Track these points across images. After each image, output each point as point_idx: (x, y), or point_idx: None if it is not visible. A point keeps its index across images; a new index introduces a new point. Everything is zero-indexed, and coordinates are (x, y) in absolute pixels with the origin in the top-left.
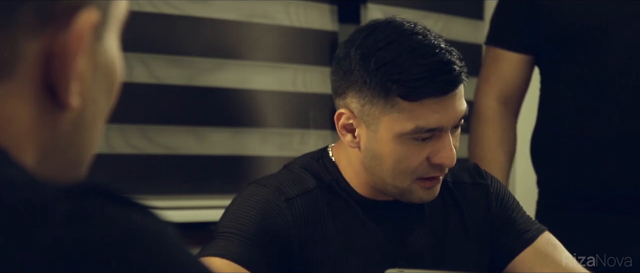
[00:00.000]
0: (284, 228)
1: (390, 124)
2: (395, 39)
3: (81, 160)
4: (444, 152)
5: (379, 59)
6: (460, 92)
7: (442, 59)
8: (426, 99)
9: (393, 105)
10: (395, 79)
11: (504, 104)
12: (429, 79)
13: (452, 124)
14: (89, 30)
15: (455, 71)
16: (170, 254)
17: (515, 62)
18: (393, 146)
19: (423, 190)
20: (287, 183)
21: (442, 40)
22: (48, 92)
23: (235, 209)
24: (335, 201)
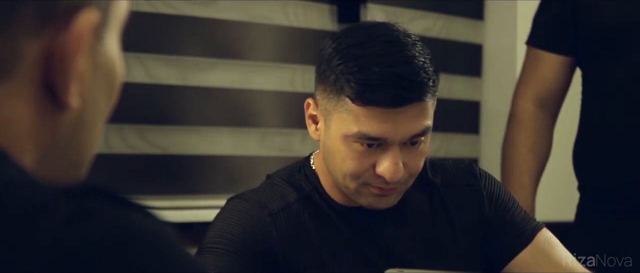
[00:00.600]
0: (269, 242)
1: (338, 123)
2: (368, 40)
3: (81, 160)
4: (385, 166)
5: (343, 56)
6: (417, 110)
7: (401, 72)
8: (372, 106)
9: (343, 104)
10: (348, 79)
11: (540, 107)
12: (379, 87)
13: (400, 139)
14: (89, 30)
15: (410, 87)
16: (169, 254)
17: (555, 64)
18: (340, 145)
19: (372, 196)
20: (268, 198)
21: (421, 55)
22: (48, 92)
23: (220, 224)
24: (316, 212)
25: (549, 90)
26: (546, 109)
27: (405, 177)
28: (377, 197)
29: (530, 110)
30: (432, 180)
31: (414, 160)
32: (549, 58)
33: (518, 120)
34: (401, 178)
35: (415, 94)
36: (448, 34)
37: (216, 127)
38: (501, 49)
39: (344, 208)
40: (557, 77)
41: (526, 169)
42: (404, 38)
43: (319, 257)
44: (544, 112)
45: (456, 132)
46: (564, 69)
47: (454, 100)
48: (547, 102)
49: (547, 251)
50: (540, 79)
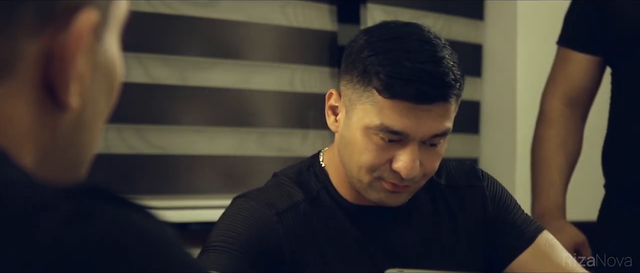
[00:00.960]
0: (276, 242)
1: (362, 114)
2: (401, 36)
3: (81, 160)
4: (403, 161)
5: (375, 48)
6: (441, 110)
7: (431, 69)
8: (398, 100)
9: (368, 96)
10: (377, 71)
11: (570, 106)
12: (407, 81)
13: (421, 136)
14: (89, 30)
15: (438, 86)
16: (169, 254)
17: (584, 63)
18: (360, 136)
19: (384, 192)
20: (275, 197)
21: (450, 58)
22: (48, 92)
23: (226, 223)
24: (324, 211)
25: (578, 90)
26: (575, 108)
27: (420, 177)
28: (388, 193)
29: (560, 109)
30: (436, 180)
31: (431, 161)
32: (579, 57)
33: (547, 118)
34: (416, 177)
35: (442, 93)
36: (448, 34)
37: (215, 127)
38: (501, 49)
39: (353, 207)
40: (586, 77)
41: (556, 167)
42: (435, 39)
43: (326, 257)
44: (573, 111)
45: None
46: (594, 68)
47: None
48: (576, 101)
49: (548, 253)
50: (570, 78)
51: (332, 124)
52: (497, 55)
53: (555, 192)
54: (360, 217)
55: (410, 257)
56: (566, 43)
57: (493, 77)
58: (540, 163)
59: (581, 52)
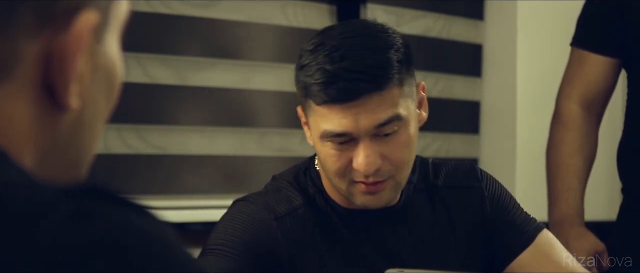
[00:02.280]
0: (274, 246)
1: (313, 126)
2: (323, 42)
3: (81, 161)
4: (358, 160)
5: (303, 61)
6: (377, 100)
7: (351, 66)
8: (329, 104)
9: (310, 107)
10: (306, 84)
11: (586, 108)
12: (328, 84)
13: (364, 131)
14: (89, 31)
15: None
16: (169, 255)
17: (601, 65)
18: (320, 147)
19: (363, 195)
20: (274, 201)
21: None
22: (47, 93)
23: (224, 227)
24: (320, 215)
25: (595, 92)
26: (592, 110)
27: (390, 170)
28: (367, 195)
29: (576, 111)
30: (434, 182)
31: (395, 151)
32: (595, 59)
33: (563, 121)
34: (383, 171)
35: (368, 85)
36: (448, 34)
37: (215, 127)
38: (501, 49)
39: (346, 211)
40: (603, 79)
41: (574, 171)
42: (365, 30)
43: (323, 260)
44: (589, 113)
45: (456, 132)
46: (610, 70)
47: (454, 100)
48: (592, 103)
49: (547, 252)
50: (586, 80)
51: (309, 138)
52: (497, 55)
53: (573, 198)
54: (353, 221)
55: (406, 258)
56: (582, 44)
57: (493, 77)
58: (557, 168)
59: (598, 53)
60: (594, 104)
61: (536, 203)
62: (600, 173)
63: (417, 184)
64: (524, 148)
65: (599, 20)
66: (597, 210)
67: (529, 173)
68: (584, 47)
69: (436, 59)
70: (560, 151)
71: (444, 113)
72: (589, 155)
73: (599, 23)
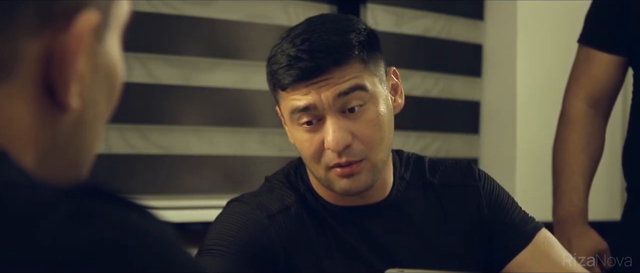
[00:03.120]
0: (268, 243)
1: (284, 112)
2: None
3: (82, 161)
4: (327, 137)
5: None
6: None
7: (308, 47)
8: (293, 86)
9: (280, 96)
10: (272, 73)
11: (593, 106)
12: (290, 66)
13: (327, 104)
14: (89, 31)
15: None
16: (169, 255)
17: (607, 63)
18: (294, 133)
19: (339, 179)
20: (267, 200)
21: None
22: (48, 93)
23: (219, 227)
24: (312, 212)
25: (602, 90)
26: (598, 108)
27: (362, 150)
28: (344, 179)
29: (583, 110)
30: (430, 179)
31: (363, 129)
32: (602, 57)
33: (570, 120)
34: (355, 150)
35: (328, 60)
36: (448, 34)
37: (216, 127)
38: (501, 49)
39: (336, 207)
40: (609, 77)
41: (579, 170)
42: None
43: (318, 257)
44: (596, 112)
45: (456, 132)
46: (617, 68)
47: (454, 100)
48: (599, 101)
49: (546, 251)
50: (593, 78)
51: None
52: (497, 55)
53: (578, 197)
54: (344, 217)
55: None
56: (589, 42)
57: (493, 77)
58: (562, 166)
59: (605, 51)
60: (601, 102)
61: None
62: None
63: (412, 181)
64: (524, 148)
65: (606, 19)
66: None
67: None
68: (590, 45)
69: (436, 59)
70: (566, 150)
71: (444, 113)
72: (595, 154)
73: (606, 21)
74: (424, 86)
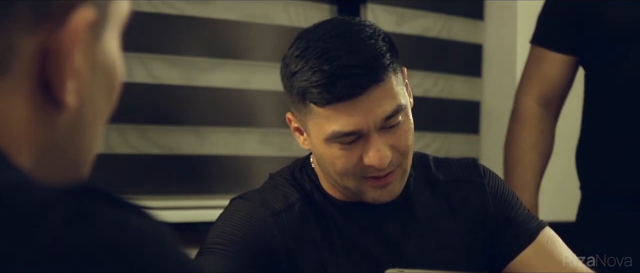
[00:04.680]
0: (271, 242)
1: (315, 129)
2: (308, 45)
3: (81, 160)
4: (371, 155)
5: (296, 65)
6: (380, 93)
7: (348, 62)
8: (334, 103)
9: (311, 111)
10: (304, 87)
11: (544, 105)
12: (329, 85)
13: (373, 125)
14: (85, 27)
15: (360, 74)
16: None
17: (559, 63)
18: (325, 149)
19: (374, 189)
20: (271, 197)
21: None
22: (45, 90)
23: (222, 225)
24: (318, 210)
25: (553, 89)
26: (549, 107)
27: (398, 159)
28: (379, 189)
29: (534, 108)
30: (436, 176)
31: (401, 140)
32: (554, 57)
33: (521, 118)
34: (393, 161)
35: (368, 78)
36: (448, 34)
37: (217, 127)
38: (501, 49)
39: (344, 204)
40: (561, 76)
41: (529, 167)
42: (347, 26)
43: (322, 255)
44: (547, 111)
45: (456, 132)
46: (568, 68)
47: (454, 100)
48: (550, 100)
49: (549, 249)
50: (544, 78)
51: (303, 143)
52: (497, 55)
53: (529, 193)
54: (352, 214)
55: (406, 250)
56: (541, 42)
57: (493, 77)
58: (514, 164)
59: (557, 51)
60: (552, 101)
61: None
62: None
63: (418, 178)
64: None
65: (557, 19)
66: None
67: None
68: (542, 45)
69: (436, 59)
70: (518, 148)
71: (444, 113)
72: (545, 152)
73: (558, 21)
74: (423, 86)
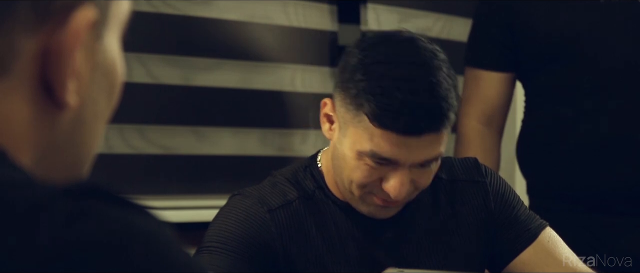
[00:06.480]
0: (267, 238)
1: (354, 137)
2: (394, 60)
3: (82, 160)
4: (393, 184)
5: (367, 72)
6: (433, 139)
7: (422, 101)
8: (388, 130)
9: (360, 120)
10: (368, 99)
11: (486, 124)
12: (397, 114)
13: (411, 163)
14: (86, 27)
15: (428, 118)
16: (168, 255)
17: (496, 81)
18: (352, 157)
19: (374, 206)
20: (269, 194)
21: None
22: (46, 90)
23: (219, 222)
24: (319, 209)
25: (493, 108)
26: (492, 125)
27: (412, 192)
28: (378, 208)
29: (477, 129)
30: (438, 175)
31: (423, 178)
32: (491, 76)
33: (465, 139)
34: (407, 194)
35: (433, 125)
36: (448, 34)
37: (216, 127)
38: None
39: (346, 204)
40: (500, 94)
41: None
42: (430, 60)
43: (320, 252)
44: (490, 129)
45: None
46: (506, 85)
47: None
48: (492, 118)
49: (550, 249)
50: (484, 97)
51: (327, 131)
52: None
53: None
54: (353, 213)
55: (408, 251)
56: (477, 63)
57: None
58: None
59: (493, 70)
60: (494, 119)
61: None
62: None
63: None
64: None
65: (490, 38)
66: None
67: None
68: (478, 66)
69: None
70: None
71: None
72: None
73: (491, 41)
74: None
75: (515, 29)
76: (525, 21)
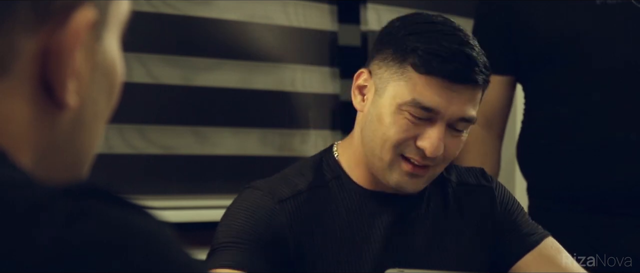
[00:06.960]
0: (278, 229)
1: (394, 90)
2: (436, 22)
3: (81, 160)
4: (430, 139)
5: (412, 29)
6: (471, 94)
7: (467, 52)
8: (434, 76)
9: (403, 72)
10: (415, 47)
11: (486, 128)
12: (446, 59)
13: (450, 116)
14: (86, 28)
15: (472, 68)
16: (168, 255)
17: (497, 85)
18: (390, 113)
19: (404, 174)
20: (278, 185)
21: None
22: (45, 90)
23: (231, 215)
24: (334, 199)
25: (493, 111)
26: (492, 129)
27: (441, 160)
28: (407, 177)
29: (477, 132)
30: (447, 177)
31: (453, 146)
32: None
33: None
34: (437, 159)
35: (476, 75)
36: None
37: (217, 127)
38: None
39: (369, 192)
40: (500, 98)
41: None
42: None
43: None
44: (490, 133)
45: None
46: (507, 88)
47: None
48: (492, 122)
49: (552, 256)
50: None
51: (359, 103)
52: None
53: None
54: (375, 201)
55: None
56: None
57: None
58: None
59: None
60: (494, 123)
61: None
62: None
63: None
64: None
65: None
66: None
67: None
68: None
69: None
70: None
71: None
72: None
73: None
74: None
75: (515, 29)
76: (525, 21)
